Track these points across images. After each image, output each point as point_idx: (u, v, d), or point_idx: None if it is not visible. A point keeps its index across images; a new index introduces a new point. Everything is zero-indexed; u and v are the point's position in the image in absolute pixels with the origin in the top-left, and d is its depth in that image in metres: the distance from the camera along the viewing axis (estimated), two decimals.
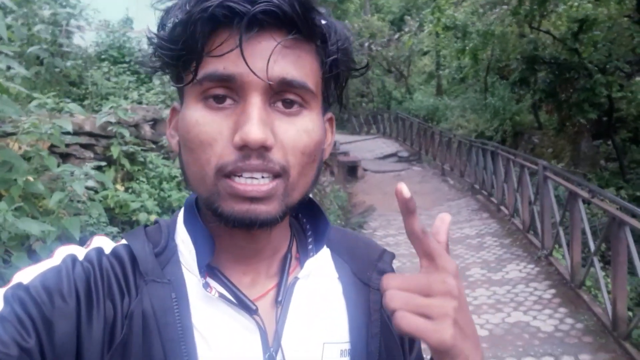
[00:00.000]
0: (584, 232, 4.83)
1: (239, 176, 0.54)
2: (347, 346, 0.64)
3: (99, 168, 4.43)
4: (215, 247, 0.60)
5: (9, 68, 2.71)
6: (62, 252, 0.58)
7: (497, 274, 5.67)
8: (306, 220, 0.69)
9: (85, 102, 5.59)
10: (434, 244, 0.52)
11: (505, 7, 13.60)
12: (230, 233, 0.60)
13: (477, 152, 9.83)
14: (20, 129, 3.15)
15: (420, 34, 20.12)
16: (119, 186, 4.33)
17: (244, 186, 0.53)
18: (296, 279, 0.63)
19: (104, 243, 0.61)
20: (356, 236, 0.76)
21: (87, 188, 3.86)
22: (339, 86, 0.63)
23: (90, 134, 4.25)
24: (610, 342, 3.97)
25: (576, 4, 12.63)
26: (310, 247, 0.67)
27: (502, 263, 5.97)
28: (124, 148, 4.47)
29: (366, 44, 17.14)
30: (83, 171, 3.19)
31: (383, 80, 23.26)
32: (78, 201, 3.67)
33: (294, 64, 0.55)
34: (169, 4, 0.56)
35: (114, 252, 0.60)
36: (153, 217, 4.20)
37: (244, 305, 0.59)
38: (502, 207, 8.01)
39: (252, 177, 0.54)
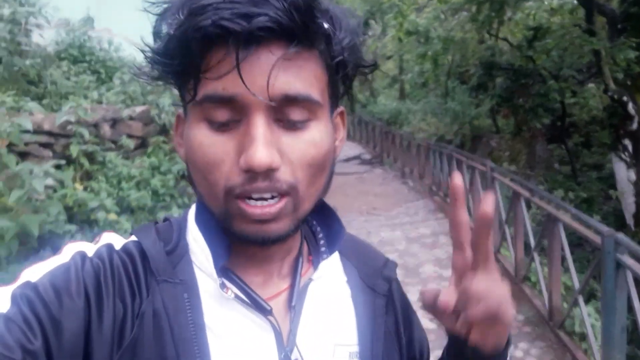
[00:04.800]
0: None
1: (248, 198, 0.53)
2: (355, 349, 0.64)
3: (58, 167, 4.48)
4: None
5: None
6: (71, 249, 0.57)
7: (448, 270, 5.82)
8: (316, 223, 0.69)
9: (44, 101, 5.59)
10: (488, 243, 0.54)
11: (465, 13, 14.03)
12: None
13: (435, 155, 10.12)
14: None
15: (384, 38, 20.49)
16: (77, 185, 4.36)
17: (253, 209, 0.53)
18: (310, 280, 0.63)
19: (114, 239, 0.60)
20: (362, 241, 0.76)
21: (46, 187, 3.92)
22: (347, 83, 0.62)
23: (49, 133, 4.29)
24: (546, 332, 4.25)
25: (533, 12, 13.14)
26: (323, 249, 0.67)
27: None
28: (83, 147, 4.51)
29: None
30: (42, 169, 3.26)
31: None
32: (37, 200, 3.74)
33: (296, 76, 0.52)
34: (163, 6, 0.54)
35: (125, 249, 0.58)
36: (111, 216, 4.26)
37: (259, 306, 0.58)
38: None
39: (262, 198, 0.53)
